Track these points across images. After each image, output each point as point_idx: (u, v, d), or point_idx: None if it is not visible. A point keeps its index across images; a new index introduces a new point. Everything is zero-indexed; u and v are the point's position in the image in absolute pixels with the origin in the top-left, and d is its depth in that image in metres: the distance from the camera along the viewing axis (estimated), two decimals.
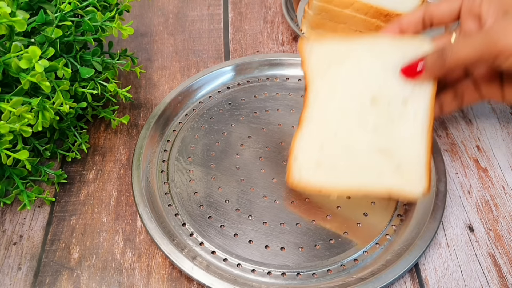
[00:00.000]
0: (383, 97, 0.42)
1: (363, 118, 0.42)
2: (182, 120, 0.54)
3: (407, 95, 0.42)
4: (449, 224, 0.46)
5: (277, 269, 0.42)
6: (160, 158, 0.50)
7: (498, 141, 0.53)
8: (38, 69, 0.37)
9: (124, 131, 0.53)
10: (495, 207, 0.47)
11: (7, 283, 0.41)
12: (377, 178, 0.40)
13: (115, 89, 0.47)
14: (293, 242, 0.44)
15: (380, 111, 0.42)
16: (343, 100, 0.43)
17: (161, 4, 0.69)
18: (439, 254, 0.44)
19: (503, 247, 0.44)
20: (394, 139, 0.41)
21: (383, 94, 0.43)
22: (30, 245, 0.44)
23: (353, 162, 0.41)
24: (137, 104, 0.56)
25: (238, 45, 0.63)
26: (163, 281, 0.42)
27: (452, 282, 0.42)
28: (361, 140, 0.42)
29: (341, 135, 0.42)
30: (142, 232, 0.45)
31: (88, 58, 0.47)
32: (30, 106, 0.38)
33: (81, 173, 0.49)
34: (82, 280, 0.41)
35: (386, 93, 0.43)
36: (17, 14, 0.40)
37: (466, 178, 0.50)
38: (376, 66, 0.44)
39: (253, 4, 0.69)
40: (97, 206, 0.46)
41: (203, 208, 0.46)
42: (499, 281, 0.42)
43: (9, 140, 0.38)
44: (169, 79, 0.59)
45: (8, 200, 0.45)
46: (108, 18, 0.45)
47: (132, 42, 0.63)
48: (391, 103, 0.42)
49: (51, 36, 0.42)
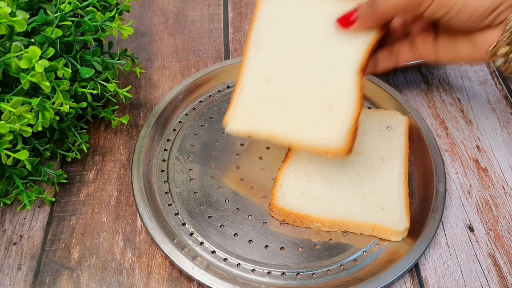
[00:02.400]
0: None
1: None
2: (182, 119, 0.54)
3: (384, 154, 0.48)
4: (449, 224, 0.46)
5: (277, 269, 0.42)
6: (160, 157, 0.50)
7: (498, 141, 0.53)
8: (38, 69, 0.37)
9: (124, 131, 0.53)
10: (495, 207, 0.47)
11: (7, 283, 0.41)
12: (361, 212, 0.44)
13: (115, 89, 0.47)
14: (292, 242, 0.44)
15: (362, 165, 0.47)
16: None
17: (161, 4, 0.69)
18: (439, 254, 0.44)
19: (503, 247, 0.44)
20: (375, 187, 0.45)
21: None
22: (30, 245, 0.44)
23: (337, 197, 0.45)
24: (137, 104, 0.56)
25: (238, 45, 0.63)
26: (163, 281, 0.42)
27: (452, 282, 0.42)
28: (343, 182, 0.46)
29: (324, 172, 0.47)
30: (142, 232, 0.45)
31: (88, 58, 0.47)
32: (30, 106, 0.38)
33: (81, 173, 0.49)
34: (82, 280, 0.41)
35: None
36: (17, 14, 0.40)
37: (466, 178, 0.50)
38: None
39: (253, 4, 0.69)
40: (97, 206, 0.47)
41: (203, 207, 0.46)
42: (499, 281, 0.42)
43: (9, 140, 0.38)
44: (169, 79, 0.59)
45: (8, 200, 0.45)
46: (108, 18, 0.45)
47: (132, 42, 0.63)
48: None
49: (51, 36, 0.42)
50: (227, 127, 0.42)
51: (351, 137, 0.40)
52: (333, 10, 0.44)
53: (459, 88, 0.59)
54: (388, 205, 0.44)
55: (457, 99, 0.57)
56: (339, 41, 0.43)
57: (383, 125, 0.50)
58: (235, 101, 0.43)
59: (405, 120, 0.51)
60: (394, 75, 0.60)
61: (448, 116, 0.55)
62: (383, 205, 0.44)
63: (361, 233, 0.44)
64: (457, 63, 0.60)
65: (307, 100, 0.42)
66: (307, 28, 0.44)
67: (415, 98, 0.57)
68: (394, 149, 0.48)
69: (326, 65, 0.43)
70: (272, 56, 0.44)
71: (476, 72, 0.61)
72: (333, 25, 0.44)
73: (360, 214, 0.43)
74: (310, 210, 0.43)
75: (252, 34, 0.45)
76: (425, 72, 0.60)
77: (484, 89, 0.59)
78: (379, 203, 0.44)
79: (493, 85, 0.59)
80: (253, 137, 0.42)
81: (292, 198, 0.44)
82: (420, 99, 0.57)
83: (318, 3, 0.45)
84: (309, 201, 0.44)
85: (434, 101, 0.57)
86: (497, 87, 0.59)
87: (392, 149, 0.48)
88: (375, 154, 0.47)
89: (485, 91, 0.58)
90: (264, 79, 0.43)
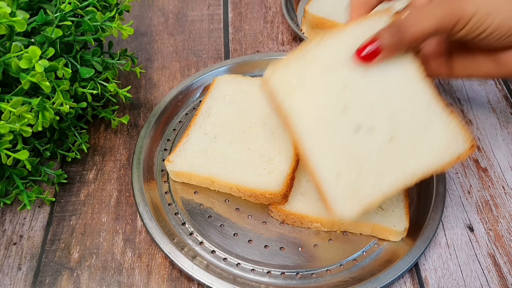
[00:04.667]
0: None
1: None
2: (182, 119, 0.54)
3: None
4: (449, 224, 0.46)
5: (276, 269, 0.42)
6: (161, 157, 0.50)
7: (498, 141, 0.53)
8: (38, 69, 0.37)
9: (124, 131, 0.53)
10: (495, 207, 0.47)
11: (7, 283, 0.41)
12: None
13: (115, 89, 0.47)
14: (292, 242, 0.44)
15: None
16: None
17: (161, 4, 0.69)
18: (439, 254, 0.44)
19: (503, 247, 0.44)
20: None
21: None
22: (30, 245, 0.44)
23: None
24: (137, 104, 0.56)
25: (238, 45, 0.63)
26: (163, 281, 0.42)
27: (452, 282, 0.42)
28: None
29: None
30: (142, 232, 0.45)
31: (88, 58, 0.47)
32: (30, 106, 0.38)
33: (81, 173, 0.49)
34: (82, 280, 0.41)
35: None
36: (17, 14, 0.40)
37: (466, 178, 0.50)
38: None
39: (253, 4, 0.69)
40: (97, 206, 0.47)
41: (203, 207, 0.46)
42: (499, 281, 0.42)
43: (9, 140, 0.38)
44: (169, 79, 0.59)
45: (8, 200, 0.45)
46: (108, 18, 0.45)
47: (132, 42, 0.63)
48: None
49: (51, 36, 0.42)
50: (167, 166, 0.46)
51: (287, 184, 0.44)
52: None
53: (459, 88, 0.59)
54: (388, 205, 0.44)
55: (457, 99, 0.57)
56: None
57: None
58: (179, 148, 0.47)
59: None
60: None
61: None
62: (383, 205, 0.44)
63: (360, 233, 0.44)
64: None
65: (248, 154, 0.46)
66: (250, 105, 0.50)
67: None
68: None
69: (266, 132, 0.48)
70: (219, 123, 0.49)
71: None
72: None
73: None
74: (309, 210, 0.44)
75: (203, 105, 0.51)
76: None
77: (484, 89, 0.59)
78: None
79: (493, 85, 0.59)
80: (193, 179, 0.47)
81: (291, 199, 0.44)
82: None
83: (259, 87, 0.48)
84: (312, 203, 0.44)
85: None
86: (497, 87, 0.59)
87: None
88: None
89: (485, 91, 0.58)
90: (210, 136, 0.48)
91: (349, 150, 0.37)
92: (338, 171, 0.36)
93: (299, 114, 0.38)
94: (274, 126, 0.48)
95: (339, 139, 0.37)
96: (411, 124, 0.38)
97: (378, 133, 0.37)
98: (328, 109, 0.38)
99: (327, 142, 0.37)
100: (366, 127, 0.37)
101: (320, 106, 0.38)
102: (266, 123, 0.49)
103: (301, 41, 0.64)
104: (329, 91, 0.38)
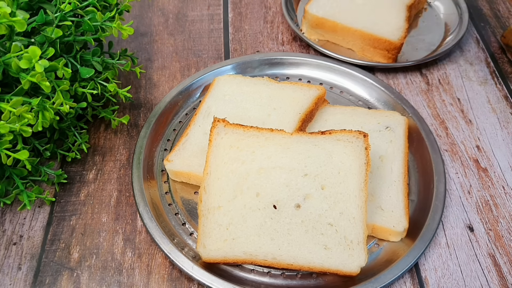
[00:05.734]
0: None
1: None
2: (182, 119, 0.54)
3: (383, 154, 0.48)
4: (449, 224, 0.46)
5: (276, 269, 0.42)
6: (161, 157, 0.50)
7: (498, 141, 0.53)
8: (38, 69, 0.37)
9: (124, 131, 0.53)
10: (495, 207, 0.47)
11: (7, 283, 0.41)
12: None
13: (115, 89, 0.47)
14: None
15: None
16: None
17: (161, 4, 0.69)
18: (439, 254, 0.44)
19: (503, 247, 0.44)
20: (374, 187, 0.46)
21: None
22: (30, 245, 0.44)
23: None
24: (137, 104, 0.56)
25: (238, 45, 0.63)
26: (163, 281, 0.42)
27: (452, 282, 0.42)
28: None
29: None
30: (142, 232, 0.45)
31: (88, 58, 0.47)
32: (30, 106, 0.38)
33: (81, 173, 0.49)
34: (82, 280, 0.41)
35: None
36: (17, 14, 0.40)
37: (466, 178, 0.50)
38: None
39: (253, 4, 0.69)
40: (97, 206, 0.47)
41: None
42: (499, 281, 0.42)
43: (9, 140, 0.38)
44: (169, 79, 0.59)
45: (8, 200, 0.45)
46: (108, 18, 0.45)
47: (132, 42, 0.63)
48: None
49: (51, 36, 0.42)
50: (167, 166, 0.47)
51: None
52: (271, 92, 0.51)
53: (459, 88, 0.59)
54: (387, 206, 0.44)
55: (457, 99, 0.57)
56: (276, 115, 0.49)
57: (383, 125, 0.50)
58: (178, 147, 0.48)
59: (405, 120, 0.51)
60: (394, 75, 0.60)
61: (448, 116, 0.55)
62: (382, 205, 0.44)
63: None
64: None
65: None
66: (250, 105, 0.51)
67: (415, 98, 0.57)
68: (393, 149, 0.48)
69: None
70: None
71: (476, 72, 0.61)
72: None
73: None
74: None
75: (203, 105, 0.51)
76: (425, 72, 0.60)
77: (484, 89, 0.59)
78: (378, 203, 0.44)
79: (493, 85, 0.59)
80: (192, 179, 0.47)
81: None
82: (420, 99, 0.57)
83: (259, 87, 0.52)
84: None
85: (434, 101, 0.57)
86: (497, 87, 0.59)
87: (392, 150, 0.48)
88: (374, 154, 0.47)
89: (485, 91, 0.58)
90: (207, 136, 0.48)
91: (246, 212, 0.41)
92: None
93: None
94: (273, 126, 0.48)
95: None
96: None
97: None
98: None
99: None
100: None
101: None
102: (265, 123, 0.49)
103: (301, 41, 0.64)
104: None
